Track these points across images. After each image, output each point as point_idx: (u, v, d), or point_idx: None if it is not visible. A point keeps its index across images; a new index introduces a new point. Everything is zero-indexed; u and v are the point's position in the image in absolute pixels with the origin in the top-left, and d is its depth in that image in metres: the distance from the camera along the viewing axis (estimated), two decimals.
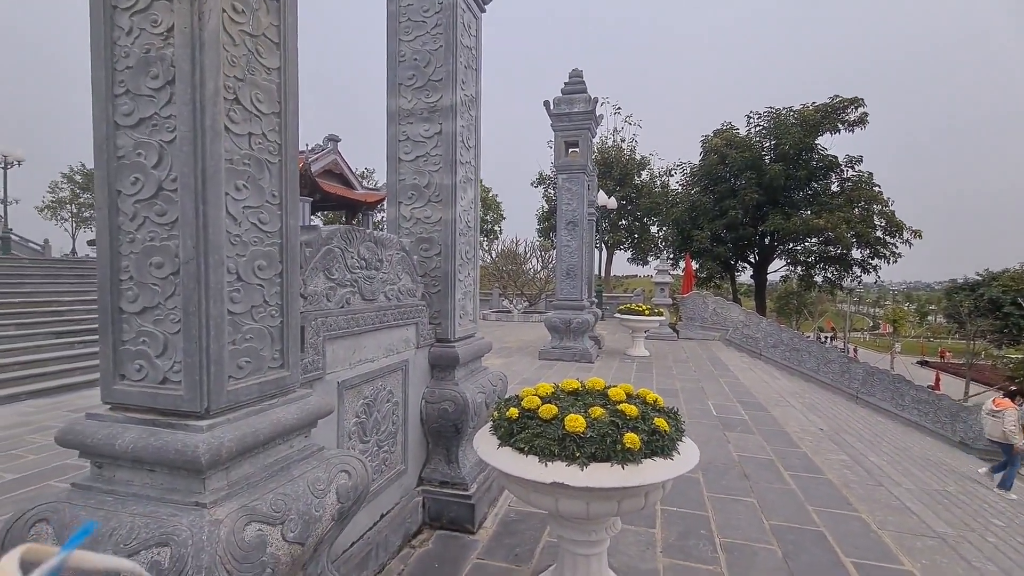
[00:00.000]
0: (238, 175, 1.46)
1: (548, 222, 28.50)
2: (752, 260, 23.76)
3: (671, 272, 16.71)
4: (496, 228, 38.77)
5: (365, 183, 25.24)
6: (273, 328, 1.66)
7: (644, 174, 28.64)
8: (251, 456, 1.55)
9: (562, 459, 1.84)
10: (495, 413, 2.23)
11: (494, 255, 23.05)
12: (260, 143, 1.53)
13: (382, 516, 2.64)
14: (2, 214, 17.96)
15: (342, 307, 2.28)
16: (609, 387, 2.25)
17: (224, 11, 1.36)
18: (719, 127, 23.46)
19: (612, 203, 17.52)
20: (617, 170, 26.97)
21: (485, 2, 3.38)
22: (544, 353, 9.39)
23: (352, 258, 2.34)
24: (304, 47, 1.69)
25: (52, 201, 35.34)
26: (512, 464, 1.91)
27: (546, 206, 29.74)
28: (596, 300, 14.18)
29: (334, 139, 19.51)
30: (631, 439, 1.85)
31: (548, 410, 1.99)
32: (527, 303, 20.33)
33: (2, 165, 16.53)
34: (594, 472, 1.80)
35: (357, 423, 2.44)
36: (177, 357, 1.42)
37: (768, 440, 4.87)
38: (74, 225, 35.68)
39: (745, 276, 25.57)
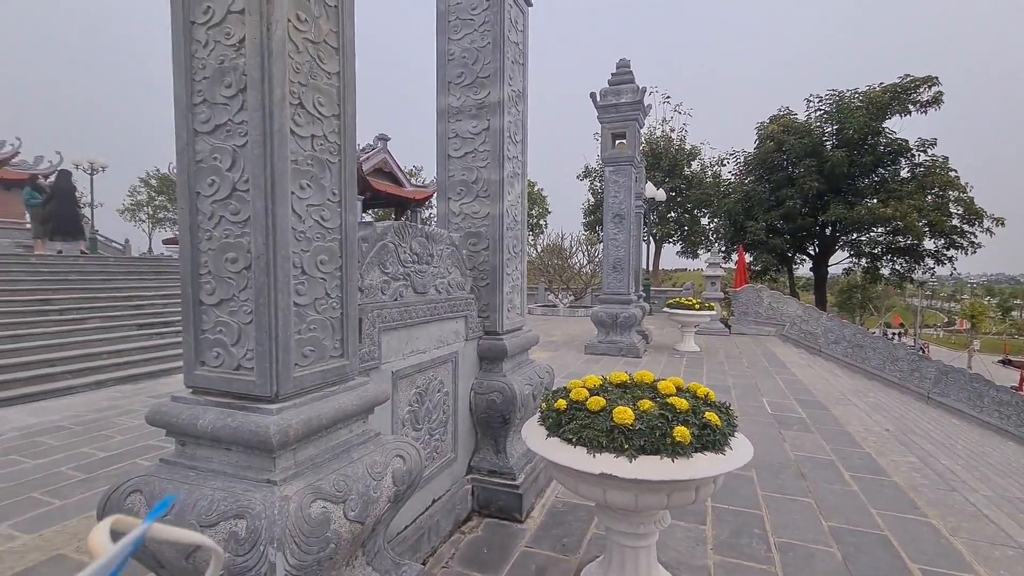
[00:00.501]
0: (302, 175, 1.55)
1: (594, 215, 28.18)
2: (811, 252, 22.60)
3: (723, 265, 16.16)
4: (542, 222, 38.68)
5: (413, 180, 25.80)
6: (334, 319, 1.75)
7: (694, 164, 27.74)
8: (315, 439, 1.65)
9: (610, 451, 1.85)
10: (543, 404, 2.26)
11: (539, 249, 23.03)
12: (322, 144, 1.62)
13: (433, 501, 2.74)
14: (89, 217, 19.64)
15: (396, 300, 2.37)
16: (658, 380, 2.23)
17: (289, 20, 1.45)
18: (775, 112, 22.37)
19: (661, 195, 17.12)
20: (666, 161, 26.29)
21: None
22: (590, 347, 9.33)
23: (405, 253, 2.42)
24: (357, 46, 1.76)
25: (131, 204, 38.20)
26: (560, 454, 1.93)
27: (592, 199, 29.39)
28: (644, 294, 13.93)
29: (383, 138, 20.04)
30: (681, 432, 1.84)
31: (596, 402, 2.00)
32: (573, 297, 20.23)
33: (89, 172, 18.04)
34: (643, 464, 1.80)
35: (410, 411, 2.54)
36: (250, 345, 1.54)
37: (828, 439, 4.66)
38: (150, 225, 38.44)
39: (804, 269, 24.36)
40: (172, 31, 1.48)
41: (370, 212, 27.10)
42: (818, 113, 21.18)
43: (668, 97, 28.11)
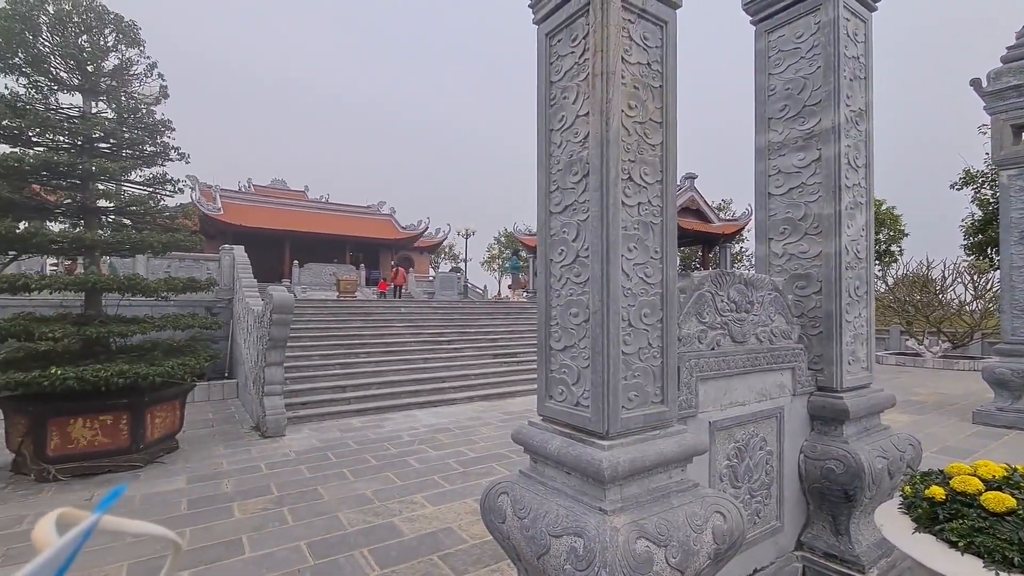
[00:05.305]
0: (630, 239, 1.77)
1: (983, 234, 20.77)
2: None
3: None
4: (893, 248, 30.84)
5: (721, 215, 24.61)
6: (655, 367, 1.88)
7: None
8: (639, 478, 1.78)
9: None
10: (906, 487, 1.84)
11: (890, 282, 18.35)
12: (646, 209, 1.81)
13: (755, 571, 2.50)
14: (463, 269, 26.11)
15: (712, 349, 2.35)
16: None
17: (623, 111, 1.71)
18: None
19: None
20: None
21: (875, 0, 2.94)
22: (983, 416, 6.82)
23: (722, 301, 2.39)
24: None
25: (487, 257, 48.84)
26: (941, 561, 1.52)
27: (978, 213, 21.81)
28: None
29: (691, 176, 19.96)
30: None
31: (998, 500, 1.51)
32: (948, 344, 15.21)
33: (465, 236, 24.10)
34: None
35: (728, 467, 2.42)
36: (586, 386, 1.80)
37: None
38: (499, 274, 48.11)
39: None
40: (537, 138, 1.94)
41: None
42: None
43: None
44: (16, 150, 5.23)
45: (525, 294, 21.32)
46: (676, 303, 1.92)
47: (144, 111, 5.88)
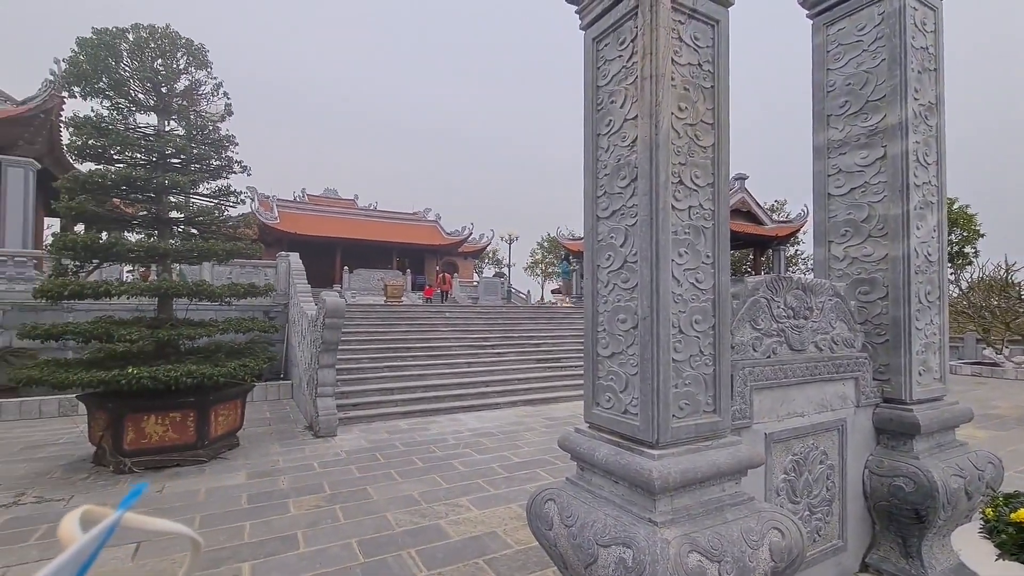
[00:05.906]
0: (680, 243, 1.73)
1: None
2: None
3: None
4: (967, 250, 28.59)
5: (774, 216, 23.62)
6: (707, 375, 1.83)
7: None
8: (690, 490, 1.73)
9: None
10: (988, 510, 1.70)
11: (964, 286, 17.01)
12: (697, 213, 1.77)
13: None
14: (506, 274, 26.22)
15: (768, 357, 2.26)
16: None
17: (672, 113, 1.68)
18: None
19: None
20: None
21: None
22: None
23: (778, 307, 2.30)
24: None
25: (531, 263, 48.89)
26: None
27: None
28: None
29: (741, 177, 19.29)
30: None
31: None
32: None
33: (508, 241, 24.23)
34: None
35: (785, 480, 2.32)
36: (635, 394, 1.77)
37: None
38: (543, 279, 48.08)
39: None
40: (584, 143, 1.94)
41: None
42: None
43: None
44: (100, 167, 5.70)
45: (568, 299, 21.45)
46: (729, 309, 1.86)
47: (211, 128, 6.27)
